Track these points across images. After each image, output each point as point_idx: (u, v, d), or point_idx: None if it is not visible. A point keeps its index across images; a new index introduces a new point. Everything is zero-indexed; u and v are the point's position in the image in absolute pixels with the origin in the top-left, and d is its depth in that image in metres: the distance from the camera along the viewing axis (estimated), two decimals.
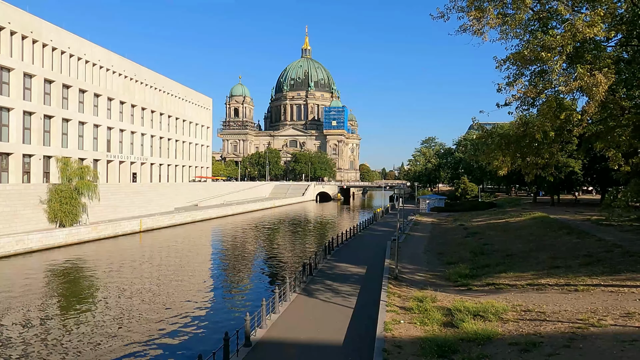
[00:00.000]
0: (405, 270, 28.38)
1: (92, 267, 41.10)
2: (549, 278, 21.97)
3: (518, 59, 15.77)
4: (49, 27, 66.72)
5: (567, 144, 20.02)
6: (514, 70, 17.68)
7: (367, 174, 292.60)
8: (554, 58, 14.76)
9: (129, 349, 21.69)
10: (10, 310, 27.82)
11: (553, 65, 14.93)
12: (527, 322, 16.04)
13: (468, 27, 17.33)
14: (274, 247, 56.22)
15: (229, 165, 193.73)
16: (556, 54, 14.76)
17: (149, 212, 75.09)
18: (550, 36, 14.83)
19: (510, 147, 18.05)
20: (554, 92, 16.21)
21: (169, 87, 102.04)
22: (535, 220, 43.84)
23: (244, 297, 32.28)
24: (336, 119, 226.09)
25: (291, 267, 42.49)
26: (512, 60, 16.04)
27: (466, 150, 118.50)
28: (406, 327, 17.54)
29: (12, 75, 60.55)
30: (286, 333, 19.11)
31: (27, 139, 63.51)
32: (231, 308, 29.24)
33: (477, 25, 16.58)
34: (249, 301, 30.84)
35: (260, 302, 30.13)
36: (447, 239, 44.31)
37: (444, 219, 66.21)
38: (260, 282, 37.38)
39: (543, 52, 14.57)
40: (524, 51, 15.45)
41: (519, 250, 31.08)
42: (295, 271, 37.49)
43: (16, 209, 51.09)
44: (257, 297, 31.70)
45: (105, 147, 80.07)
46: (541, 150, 17.63)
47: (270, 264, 44.59)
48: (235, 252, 52.53)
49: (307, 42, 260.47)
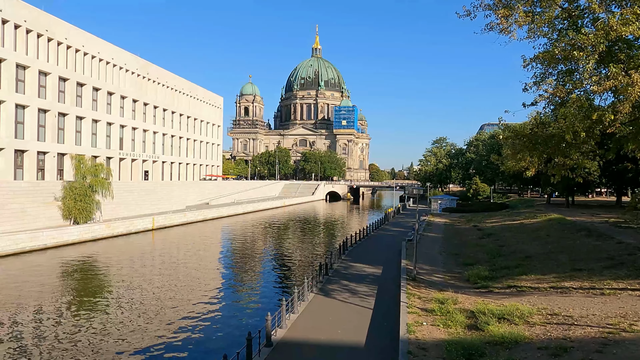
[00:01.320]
0: (423, 271, 28.12)
1: (106, 265, 41.27)
2: (572, 281, 21.61)
3: (547, 58, 15.46)
4: (64, 26, 67.13)
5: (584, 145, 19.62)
6: (540, 69, 17.38)
7: (376, 173, 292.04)
8: (586, 57, 14.43)
9: (146, 346, 21.66)
10: (25, 306, 27.96)
11: (585, 64, 14.61)
12: (554, 326, 15.74)
13: (495, 26, 17.04)
14: (286, 246, 56.15)
15: (239, 164, 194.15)
16: (588, 53, 14.45)
17: (161, 210, 75.36)
18: (582, 35, 14.51)
19: (538, 147, 17.74)
20: (584, 92, 15.89)
21: (181, 86, 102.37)
22: (551, 221, 43.31)
23: (258, 296, 32.18)
24: (346, 118, 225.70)
25: (303, 266, 42.37)
26: (540, 59, 15.74)
27: (477, 151, 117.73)
28: (429, 329, 17.31)
29: (28, 73, 61.00)
30: (306, 333, 18.95)
31: (42, 137, 63.95)
32: (245, 307, 29.15)
33: (504, 23, 16.29)
34: (263, 300, 30.76)
35: (274, 301, 30.31)
36: (462, 240, 43.91)
37: (456, 220, 65.72)
38: (274, 281, 37.29)
39: (575, 51, 14.26)
40: (554, 50, 15.14)
41: (537, 252, 30.67)
42: (311, 271, 37.51)
43: (31, 205, 51.48)
44: (271, 296, 31.66)
45: (118, 145, 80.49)
46: (570, 151, 17.32)
47: (282, 263, 44.49)
48: (248, 251, 52.52)
49: (317, 42, 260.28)
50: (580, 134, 15.34)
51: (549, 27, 17.47)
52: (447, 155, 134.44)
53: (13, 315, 26.39)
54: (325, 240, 63.17)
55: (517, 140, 18.62)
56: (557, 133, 16.65)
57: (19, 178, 59.98)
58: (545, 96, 16.43)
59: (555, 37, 17.34)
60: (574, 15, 16.42)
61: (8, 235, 42.75)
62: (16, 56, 58.48)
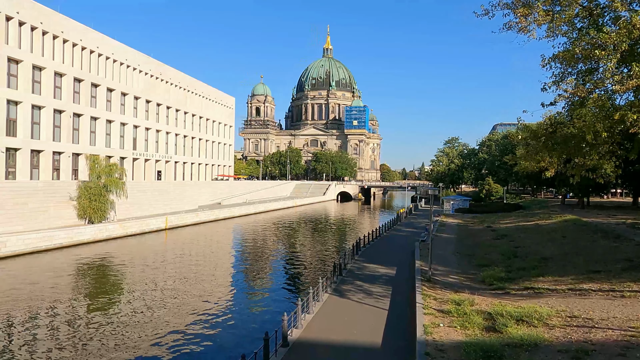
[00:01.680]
0: (437, 272, 27.94)
1: (121, 264, 41.63)
2: (590, 283, 21.31)
3: (567, 57, 15.26)
4: (78, 27, 67.88)
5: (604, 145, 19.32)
6: (558, 69, 17.17)
7: (387, 174, 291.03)
8: (608, 56, 14.22)
9: (162, 344, 21.81)
10: (42, 305, 28.30)
11: (606, 63, 14.40)
12: (574, 329, 15.53)
13: (513, 25, 16.87)
14: (298, 246, 56.19)
15: (250, 164, 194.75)
16: (610, 52, 14.23)
17: (173, 209, 75.86)
18: (604, 33, 14.30)
19: (556, 148, 17.52)
20: (604, 92, 15.65)
21: (193, 86, 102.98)
22: (567, 223, 42.78)
23: (271, 296, 32.21)
24: (357, 118, 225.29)
25: (316, 266, 42.36)
26: (560, 58, 15.54)
27: (490, 151, 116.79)
28: (446, 331, 17.18)
29: (44, 74, 61.79)
30: (322, 334, 18.93)
31: (57, 137, 64.76)
32: (258, 307, 29.22)
33: (523, 22, 16.12)
34: (276, 300, 30.82)
35: (287, 301, 30.36)
36: (475, 241, 43.56)
37: (469, 221, 65.24)
38: (286, 281, 37.34)
39: (597, 50, 14.06)
40: (575, 49, 14.94)
41: (553, 253, 30.30)
42: (324, 271, 37.53)
43: (47, 205, 52.13)
44: (284, 296, 31.71)
45: (132, 145, 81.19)
46: (590, 152, 17.08)
47: (294, 263, 44.51)
48: (260, 251, 52.65)
49: (328, 42, 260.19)
50: (602, 134, 15.13)
51: (568, 25, 17.26)
52: (459, 155, 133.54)
53: (30, 313, 26.73)
54: (337, 241, 63.11)
55: (535, 141, 18.41)
56: (577, 133, 16.44)
57: (35, 178, 60.79)
58: (565, 96, 16.22)
59: (575, 36, 17.12)
60: (594, 13, 16.19)
61: (27, 234, 43.36)
62: (33, 57, 59.29)
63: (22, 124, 58.24)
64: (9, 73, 56.23)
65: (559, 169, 18.78)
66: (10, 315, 26.10)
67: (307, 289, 33.12)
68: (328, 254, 50.05)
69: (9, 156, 56.84)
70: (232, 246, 56.53)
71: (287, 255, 49.57)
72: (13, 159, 57.67)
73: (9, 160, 57.11)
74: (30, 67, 58.95)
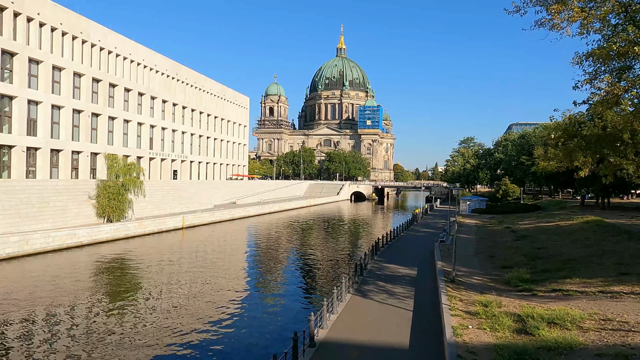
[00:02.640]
0: (460, 273, 27.62)
1: (140, 263, 41.93)
2: (621, 285, 20.86)
3: (603, 55, 14.90)
4: (97, 28, 68.56)
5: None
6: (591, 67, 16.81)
7: (400, 174, 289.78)
8: None
9: (183, 342, 21.85)
10: (63, 301, 28.55)
11: None
12: (610, 332, 15.18)
13: (546, 22, 16.54)
14: (314, 246, 56.06)
15: (264, 164, 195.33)
16: None
17: (189, 209, 76.25)
18: None
19: (591, 147, 17.15)
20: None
21: (208, 86, 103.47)
22: (588, 224, 42.06)
23: (290, 295, 32.12)
24: (371, 118, 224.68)
25: (333, 266, 42.22)
26: (596, 55, 15.18)
27: (507, 151, 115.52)
28: (476, 333, 16.92)
29: (63, 74, 62.50)
30: (348, 334, 18.78)
31: (76, 137, 65.47)
32: (277, 306, 29.14)
33: (557, 19, 15.79)
34: (295, 299, 30.78)
35: (306, 300, 30.27)
36: (496, 242, 43.04)
37: (487, 221, 64.55)
38: (304, 281, 37.22)
39: (637, 47, 13.70)
40: (612, 46, 14.58)
41: (578, 255, 29.76)
42: (343, 271, 37.43)
43: (67, 203, 52.72)
44: (302, 296, 31.62)
45: (148, 144, 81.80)
46: (626, 150, 16.68)
47: (311, 263, 44.38)
48: (276, 251, 52.64)
49: (342, 41, 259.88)
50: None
51: (602, 23, 16.88)
52: (474, 155, 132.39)
53: (50, 309, 26.99)
54: (353, 241, 62.90)
55: (570, 140, 18.04)
56: (613, 132, 16.07)
57: (54, 177, 61.53)
58: (600, 94, 15.85)
59: (610, 34, 16.74)
60: (630, 9, 15.80)
61: (50, 232, 43.90)
62: (53, 58, 59.98)
63: (42, 124, 58.98)
64: (29, 74, 56.98)
65: (592, 168, 18.42)
66: (32, 312, 26.38)
67: (325, 289, 33.27)
68: (344, 254, 49.89)
69: (29, 155, 57.58)
70: (249, 245, 56.63)
71: (304, 255, 49.49)
72: (33, 158, 58.40)
73: (30, 159, 57.86)
74: (50, 67, 59.67)
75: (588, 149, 17.27)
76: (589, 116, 66.90)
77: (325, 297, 21.69)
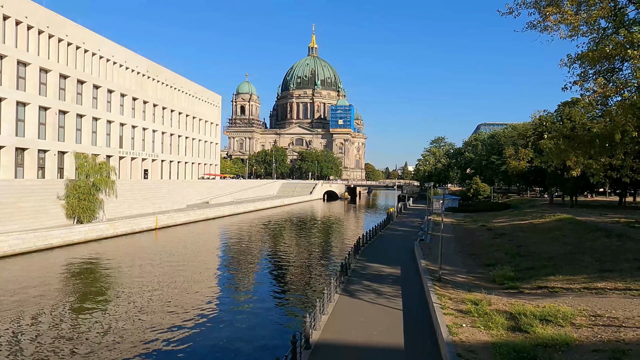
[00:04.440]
0: (444, 271, 27.82)
1: (115, 265, 40.63)
2: (604, 282, 21.40)
3: (596, 57, 15.18)
4: (65, 22, 66.22)
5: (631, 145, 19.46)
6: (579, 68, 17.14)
7: (372, 173, 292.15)
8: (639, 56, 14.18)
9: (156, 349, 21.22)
10: (39, 307, 27.34)
11: (637, 63, 14.37)
12: (602, 328, 15.48)
13: (537, 24, 16.77)
14: (292, 246, 55.65)
15: (236, 163, 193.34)
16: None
17: (162, 209, 74.61)
18: (637, 33, 14.26)
19: (581, 147, 17.51)
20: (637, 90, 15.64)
21: (180, 84, 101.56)
22: (562, 221, 43.21)
23: (277, 296, 31.75)
24: (343, 117, 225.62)
25: (313, 266, 42.01)
26: (589, 57, 15.44)
27: (477, 151, 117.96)
28: (471, 331, 16.99)
29: (29, 70, 60.13)
30: (341, 335, 18.58)
31: (42, 135, 63.10)
32: (268, 307, 28.73)
33: (551, 21, 16.01)
34: (283, 300, 30.42)
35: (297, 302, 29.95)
36: (474, 240, 43.72)
37: (462, 220, 65.61)
38: (286, 281, 36.86)
39: (629, 50, 14.01)
40: (605, 48, 14.87)
41: (558, 252, 30.49)
42: (323, 271, 37.31)
43: (34, 204, 50.65)
44: (286, 296, 31.26)
45: (118, 143, 79.68)
46: (616, 151, 17.09)
47: (290, 263, 44.01)
48: (253, 251, 52.03)
49: (313, 41, 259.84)
50: (632, 133, 15.13)
51: (588, 26, 17.22)
52: (445, 154, 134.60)
53: (14, 316, 25.78)
54: (330, 240, 62.84)
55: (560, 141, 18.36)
56: (604, 132, 16.44)
57: (20, 176, 59.16)
58: (590, 96, 16.16)
59: (597, 36, 17.12)
60: (619, 13, 16.18)
61: (17, 234, 41.98)
62: (17, 53, 57.61)
63: (6, 121, 56.54)
64: None
65: (583, 168, 18.83)
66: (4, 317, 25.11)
67: (307, 289, 33.03)
68: (323, 254, 49.76)
69: None
70: (225, 247, 55.73)
71: (282, 255, 49.03)
72: None
73: None
74: (15, 62, 57.31)
75: (579, 149, 17.67)
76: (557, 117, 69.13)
77: (313, 297, 21.50)
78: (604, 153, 17.46)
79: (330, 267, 40.90)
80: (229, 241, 59.34)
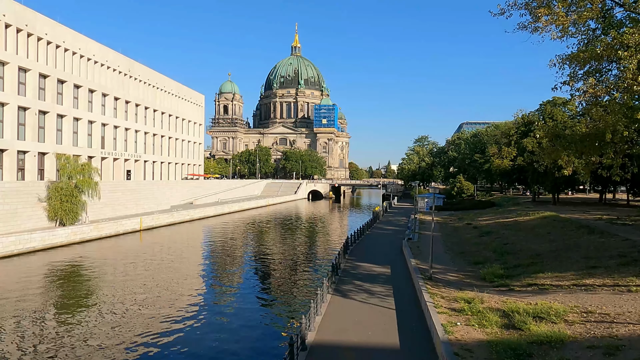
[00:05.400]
0: (435, 270, 28.01)
1: (98, 268, 39.94)
2: (592, 278, 21.78)
3: (587, 57, 15.41)
4: (44, 20, 64.76)
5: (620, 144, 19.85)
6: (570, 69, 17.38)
7: (355, 172, 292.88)
8: (629, 57, 14.43)
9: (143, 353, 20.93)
10: (19, 312, 26.70)
11: (628, 63, 14.63)
12: (594, 324, 15.75)
13: (528, 25, 16.98)
14: (278, 246, 55.45)
15: (219, 163, 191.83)
16: (632, 52, 14.46)
17: (146, 210, 73.62)
18: (627, 34, 14.52)
19: (572, 146, 17.77)
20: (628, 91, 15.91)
21: (163, 84, 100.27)
22: (546, 219, 43.86)
23: (267, 297, 31.59)
24: (326, 117, 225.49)
25: (301, 265, 41.93)
26: (581, 58, 15.67)
27: (460, 149, 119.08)
28: (465, 330, 17.12)
29: (7, 69, 58.63)
30: (336, 335, 18.55)
31: (22, 135, 61.60)
32: (258, 309, 28.56)
33: (543, 22, 16.22)
34: (271, 302, 30.28)
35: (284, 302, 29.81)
36: (461, 239, 44.14)
37: (447, 218, 66.21)
38: (274, 282, 36.71)
39: (620, 51, 14.25)
40: (595, 49, 15.10)
41: (544, 250, 30.94)
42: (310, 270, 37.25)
43: (15, 207, 49.41)
44: (275, 297, 31.11)
45: (100, 143, 78.23)
46: (606, 150, 17.39)
47: (277, 263, 43.84)
48: (239, 252, 51.71)
49: (297, 40, 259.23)
50: (623, 133, 15.41)
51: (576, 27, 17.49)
52: (429, 153, 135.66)
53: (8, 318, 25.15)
54: (316, 240, 62.77)
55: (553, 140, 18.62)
56: (594, 132, 16.72)
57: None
58: (581, 96, 16.41)
59: (585, 37, 17.40)
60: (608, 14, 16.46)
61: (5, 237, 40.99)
62: None
63: None
64: None
65: (574, 168, 19.12)
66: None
67: (294, 289, 32.94)
68: (310, 253, 49.71)
69: None
70: (210, 248, 55.23)
71: (268, 255, 48.80)
72: None
73: None
74: None
75: (569, 148, 17.95)
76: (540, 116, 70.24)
77: (300, 297, 21.46)
78: (595, 152, 17.81)
79: (316, 267, 40.90)
80: (214, 242, 58.85)
